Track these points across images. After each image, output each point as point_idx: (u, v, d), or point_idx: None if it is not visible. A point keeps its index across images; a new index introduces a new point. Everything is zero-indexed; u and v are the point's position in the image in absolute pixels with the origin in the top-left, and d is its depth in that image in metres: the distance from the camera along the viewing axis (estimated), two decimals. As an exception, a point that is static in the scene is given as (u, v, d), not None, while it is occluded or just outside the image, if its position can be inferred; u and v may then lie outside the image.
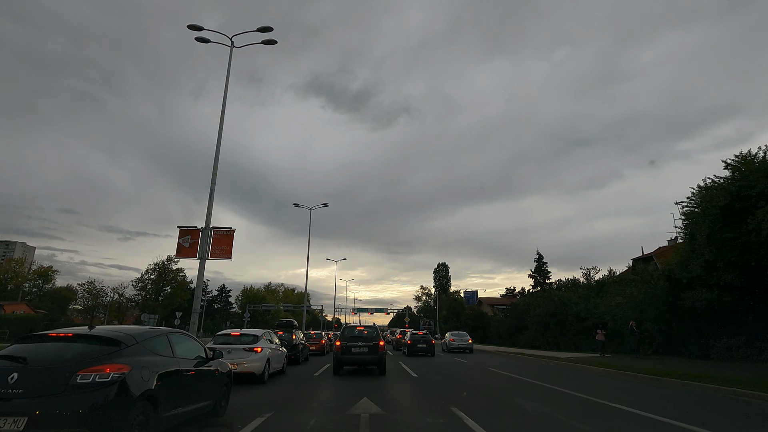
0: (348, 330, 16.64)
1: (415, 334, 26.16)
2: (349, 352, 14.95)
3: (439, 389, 11.05)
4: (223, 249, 20.61)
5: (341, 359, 14.91)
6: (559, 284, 33.62)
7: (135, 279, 75.18)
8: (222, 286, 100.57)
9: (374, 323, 18.65)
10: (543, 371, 16.13)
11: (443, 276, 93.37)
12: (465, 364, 19.50)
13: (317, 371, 15.62)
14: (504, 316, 46.96)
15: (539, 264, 45.41)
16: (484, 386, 11.79)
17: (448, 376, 14.34)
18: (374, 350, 14.91)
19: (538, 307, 32.61)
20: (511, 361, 21.18)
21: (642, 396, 9.71)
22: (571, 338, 27.85)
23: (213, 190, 19.95)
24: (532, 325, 35.25)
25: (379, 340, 15.46)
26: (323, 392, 10.64)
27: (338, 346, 15.21)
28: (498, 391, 10.76)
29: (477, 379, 13.75)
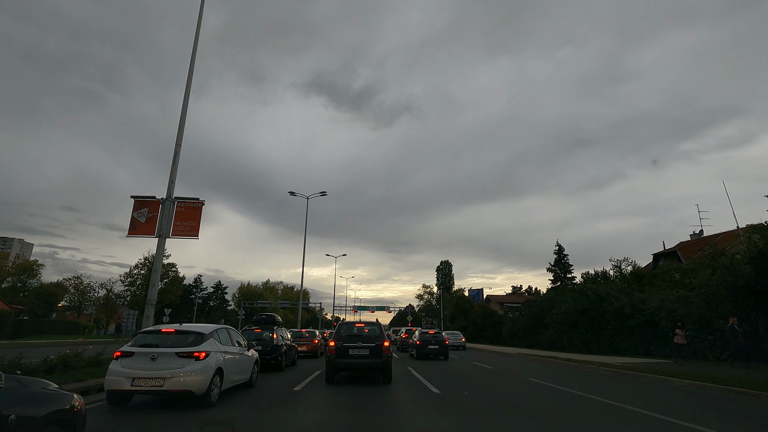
0: (345, 327, 12.77)
1: (425, 332, 22.12)
2: (346, 354, 11.60)
3: (489, 423, 7.00)
4: (188, 225, 16.64)
5: (336, 364, 11.58)
6: (588, 277, 29.62)
7: (123, 274, 71.17)
8: (218, 283, 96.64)
9: (377, 319, 14.36)
10: (609, 385, 12.06)
11: (446, 274, 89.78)
12: (492, 371, 15.47)
13: (301, 382, 11.58)
14: (519, 315, 42.83)
15: (560, 257, 41.02)
16: (551, 412, 7.75)
17: (483, 391, 10.28)
18: (377, 352, 11.59)
19: (564, 303, 28.51)
20: (546, 368, 17.13)
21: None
22: (607, 339, 23.74)
23: (178, 153, 16.15)
24: (554, 324, 31.14)
25: (383, 339, 11.84)
26: (300, 422, 6.64)
27: (332, 347, 11.68)
28: (586, 424, 6.74)
29: (528, 398, 9.67)
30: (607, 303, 23.36)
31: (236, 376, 8.96)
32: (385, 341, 12.10)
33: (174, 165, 15.86)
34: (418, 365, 17.31)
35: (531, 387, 11.20)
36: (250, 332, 14.72)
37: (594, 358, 19.65)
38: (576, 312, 26.37)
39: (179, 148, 16.25)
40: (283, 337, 15.97)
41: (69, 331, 54.28)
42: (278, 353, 14.19)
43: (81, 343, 24.67)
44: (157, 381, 6.97)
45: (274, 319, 15.62)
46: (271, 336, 14.36)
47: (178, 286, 75.05)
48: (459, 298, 67.13)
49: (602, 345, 24.39)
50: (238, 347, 9.49)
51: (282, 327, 16.22)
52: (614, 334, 23.09)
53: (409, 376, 13.55)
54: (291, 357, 16.33)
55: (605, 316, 23.65)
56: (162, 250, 15.89)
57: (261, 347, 14.00)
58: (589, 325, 25.66)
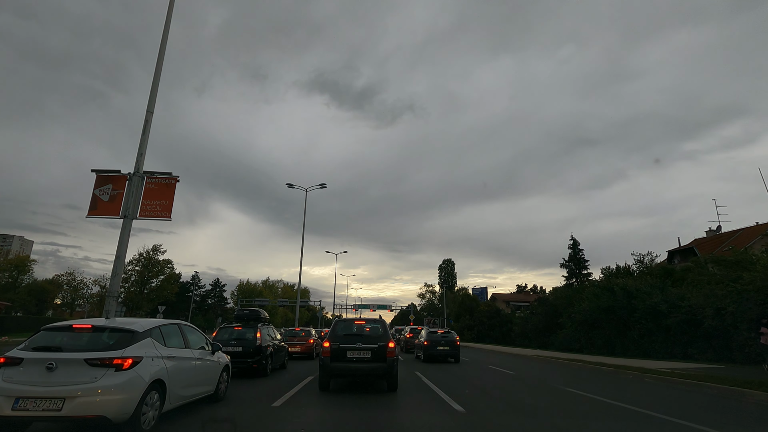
0: (342, 325, 10.57)
1: (434, 332, 19.75)
2: (343, 357, 9.62)
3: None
4: (159, 205, 14.22)
5: (330, 369, 9.56)
6: (609, 273, 27.16)
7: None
8: (216, 281, 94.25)
9: (380, 316, 11.78)
10: (673, 398, 9.71)
11: (449, 273, 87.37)
12: (515, 377, 13.11)
13: (286, 393, 9.22)
14: (530, 314, 40.36)
15: (574, 252, 38.31)
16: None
17: (520, 409, 7.92)
18: (380, 355, 9.62)
19: (584, 300, 26.07)
20: (577, 374, 14.78)
21: None
22: (635, 340, 21.29)
23: (149, 121, 13.85)
24: (571, 324, 28.71)
25: (387, 340, 9.86)
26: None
27: (326, 348, 9.67)
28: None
29: (586, 420, 7.28)
30: (637, 300, 20.88)
31: (191, 390, 6.61)
32: (390, 342, 9.86)
33: (144, 135, 13.58)
34: (427, 369, 14.97)
35: (578, 402, 8.81)
36: (228, 330, 12.39)
37: (626, 361, 17.24)
38: (598, 310, 23.92)
39: (150, 116, 13.93)
40: (270, 336, 13.66)
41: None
42: (262, 355, 11.85)
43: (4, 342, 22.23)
44: (53, 402, 4.64)
45: (258, 315, 13.27)
46: (254, 335, 12.01)
47: (174, 283, 72.86)
48: (464, 297, 64.67)
49: (629, 347, 21.96)
50: (198, 350, 7.14)
51: (269, 324, 13.87)
52: (644, 334, 20.64)
53: (419, 384, 11.19)
54: (280, 359, 14.01)
55: (634, 315, 21.20)
56: (128, 233, 13.47)
57: (241, 348, 11.70)
58: (613, 325, 23.21)
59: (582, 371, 15.39)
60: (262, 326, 12.78)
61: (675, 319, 18.46)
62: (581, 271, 37.34)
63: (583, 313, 25.52)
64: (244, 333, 12.19)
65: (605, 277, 26.77)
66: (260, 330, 12.24)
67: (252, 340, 11.86)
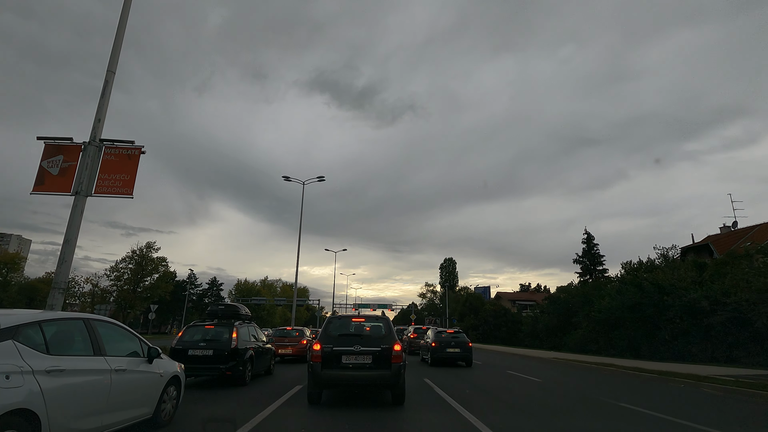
0: (336, 324, 8.43)
1: (442, 332, 17.57)
2: (337, 363, 7.62)
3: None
4: (119, 180, 12.00)
5: (322, 377, 7.54)
6: (631, 268, 24.92)
7: (109, 268, 66.82)
8: (213, 279, 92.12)
9: (383, 312, 9.27)
10: (761, 415, 7.50)
11: (450, 272, 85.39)
12: (544, 386, 10.94)
13: (262, 411, 7.01)
14: (540, 313, 38.12)
15: (588, 247, 35.86)
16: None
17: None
18: (383, 360, 7.62)
19: (604, 298, 23.87)
20: (613, 381, 12.61)
21: None
22: (666, 341, 19.06)
23: (110, 82, 11.69)
24: (588, 323, 26.56)
25: (392, 342, 7.83)
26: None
27: (317, 352, 7.68)
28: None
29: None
30: (671, 296, 18.62)
31: (106, 417, 4.41)
32: (396, 344, 7.78)
33: (103, 98, 11.44)
34: (437, 375, 12.79)
35: (655, 428, 6.60)
36: (197, 330, 10.20)
37: (665, 366, 15.03)
38: (622, 308, 21.70)
39: (112, 76, 11.73)
40: (254, 336, 11.49)
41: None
42: (239, 360, 9.65)
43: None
44: None
45: (236, 312, 11.08)
46: (229, 335, 9.82)
47: (169, 281, 70.69)
48: (469, 296, 62.46)
49: (657, 349, 19.74)
50: (123, 359, 4.94)
51: (251, 323, 11.68)
52: (678, 334, 18.42)
53: (431, 395, 8.99)
54: (264, 364, 11.83)
55: (666, 313, 18.98)
56: (80, 213, 11.23)
57: (212, 351, 9.51)
58: (639, 324, 20.99)
59: (619, 378, 13.18)
60: (241, 325, 10.59)
61: (719, 318, 16.23)
62: (596, 267, 35.09)
63: (605, 311, 23.31)
64: (217, 333, 10.01)
65: (627, 273, 24.56)
66: (237, 329, 10.05)
67: (226, 342, 9.67)
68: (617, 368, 14.82)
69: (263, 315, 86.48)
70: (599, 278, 33.82)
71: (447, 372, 14.03)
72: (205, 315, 11.21)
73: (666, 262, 24.96)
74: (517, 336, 43.83)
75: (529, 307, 59.07)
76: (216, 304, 11.45)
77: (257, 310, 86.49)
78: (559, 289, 44.87)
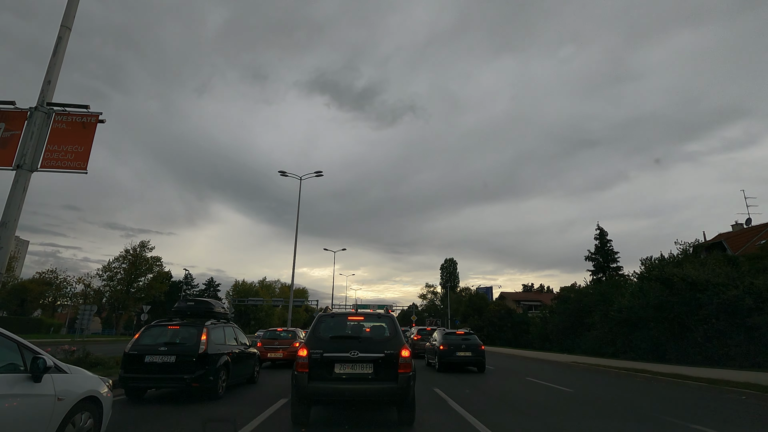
0: (328, 324, 6.71)
1: (451, 333, 15.73)
2: (329, 373, 5.96)
3: None
4: (71, 152, 10.10)
5: (309, 391, 5.84)
6: (652, 264, 22.99)
7: (101, 267, 64.92)
8: (210, 280, 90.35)
9: (387, 309, 7.32)
10: None
11: (451, 272, 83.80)
12: (577, 398, 9.09)
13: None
14: (549, 313, 36.23)
15: (602, 244, 33.84)
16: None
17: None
18: (388, 369, 5.95)
19: (624, 296, 22.04)
20: (656, 390, 10.79)
21: None
22: (698, 343, 17.17)
23: (64, 39, 9.82)
24: (604, 324, 24.72)
25: (399, 346, 6.15)
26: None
27: (303, 359, 5.97)
28: None
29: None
30: (707, 293, 16.75)
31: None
32: (404, 349, 6.13)
33: (55, 57, 9.61)
34: (449, 384, 10.95)
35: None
36: (158, 331, 8.33)
37: (706, 372, 13.16)
38: (646, 307, 19.85)
39: (67, 33, 9.86)
40: (236, 338, 9.68)
41: (29, 330, 48.15)
42: (209, 368, 7.79)
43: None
44: None
45: (208, 308, 9.22)
46: (197, 338, 7.96)
47: (163, 282, 68.74)
48: (472, 296, 60.57)
49: (687, 351, 17.86)
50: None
51: (228, 323, 9.82)
52: (713, 336, 16.55)
53: (448, 413, 7.14)
54: (245, 371, 9.99)
55: (699, 312, 17.11)
56: (22, 189, 9.32)
57: (174, 357, 7.65)
58: (665, 325, 19.12)
59: (663, 387, 11.31)
60: (214, 325, 8.72)
61: (766, 318, 14.36)
62: (609, 265, 33.22)
63: (624, 310, 21.46)
64: (182, 335, 8.16)
65: (648, 269, 22.75)
66: (208, 330, 8.18)
67: (193, 346, 7.81)
68: (652, 374, 12.96)
69: (261, 316, 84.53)
70: (613, 276, 31.94)
71: (459, 379, 12.19)
72: (172, 311, 9.36)
73: (688, 257, 23.09)
74: (523, 337, 41.95)
75: (534, 308, 57.26)
76: (184, 299, 9.58)
77: (255, 311, 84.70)
78: (563, 289, 43.08)
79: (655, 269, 20.39)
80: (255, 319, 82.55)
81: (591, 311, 27.32)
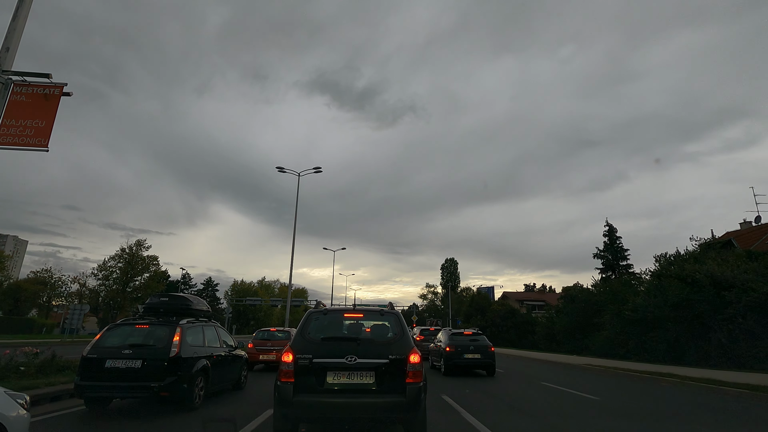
0: (321, 322, 5.43)
1: (458, 334, 14.60)
2: (319, 383, 4.76)
3: None
4: (31, 126, 9.13)
5: (294, 407, 4.63)
6: (668, 261, 21.81)
7: (96, 266, 63.75)
8: (208, 279, 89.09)
9: (391, 304, 6.03)
10: None
11: (452, 272, 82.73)
12: (608, 408, 7.94)
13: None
14: (556, 313, 35.06)
15: (611, 240, 32.58)
16: None
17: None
18: (392, 379, 4.77)
19: (638, 295, 20.89)
20: (700, 400, 9.69)
21: None
22: (722, 345, 15.99)
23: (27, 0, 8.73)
24: (617, 324, 23.56)
25: (407, 349, 5.00)
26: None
27: (288, 366, 4.79)
28: None
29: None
30: (733, 290, 15.56)
31: None
32: (413, 353, 5.01)
33: (15, 21, 8.83)
34: (458, 391, 9.82)
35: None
36: (123, 331, 7.17)
37: (745, 377, 11.99)
38: (664, 306, 18.67)
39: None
40: (219, 339, 8.53)
41: (19, 330, 47.02)
42: (182, 375, 6.64)
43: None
44: None
45: (185, 305, 8.05)
46: (168, 339, 6.80)
47: (160, 281, 67.54)
48: (475, 296, 59.39)
49: (710, 353, 16.70)
50: None
51: (210, 322, 8.66)
52: (741, 336, 15.38)
53: (462, 427, 5.98)
54: (230, 377, 8.86)
55: (724, 311, 15.94)
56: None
57: (140, 362, 6.51)
58: (685, 325, 17.96)
59: (700, 395, 10.15)
60: (191, 324, 7.56)
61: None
62: (619, 263, 32.05)
63: (639, 310, 20.30)
64: (151, 336, 7.00)
65: (662, 266, 21.61)
66: (182, 330, 7.02)
67: (163, 349, 6.65)
68: (680, 379, 11.79)
69: (260, 316, 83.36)
70: (623, 274, 30.74)
71: (468, 385, 11.05)
72: (141, 310, 8.20)
73: (705, 253, 21.91)
74: (528, 338, 40.78)
75: (537, 308, 56.07)
76: (157, 294, 8.39)
77: (254, 312, 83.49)
78: (566, 289, 41.88)
79: (675, 266, 19.19)
80: (255, 319, 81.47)
81: (600, 311, 26.16)
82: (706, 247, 23.43)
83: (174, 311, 7.82)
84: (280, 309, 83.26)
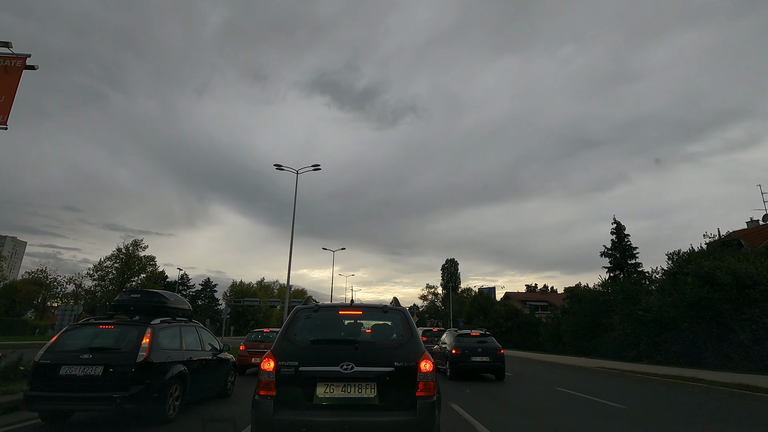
0: (312, 321, 4.35)
1: (465, 335, 13.66)
2: (308, 400, 3.72)
3: None
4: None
5: (275, 426, 3.61)
6: (682, 259, 20.83)
7: (92, 267, 62.76)
8: (207, 280, 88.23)
9: (396, 299, 4.91)
10: None
11: (452, 273, 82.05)
12: (637, 418, 6.97)
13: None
14: (561, 313, 34.08)
15: (619, 238, 31.53)
16: None
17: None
18: (398, 394, 3.73)
19: (651, 294, 19.93)
20: (738, 410, 8.76)
21: None
22: (744, 346, 15.05)
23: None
24: (627, 324, 22.64)
25: (417, 353, 3.96)
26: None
27: (268, 377, 3.84)
28: None
29: None
30: (758, 288, 14.61)
31: None
32: (424, 358, 4.03)
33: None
34: (469, 398, 8.86)
35: None
36: (84, 332, 6.21)
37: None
38: (680, 305, 17.72)
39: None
40: (201, 342, 7.60)
41: (14, 331, 46.00)
42: (151, 383, 5.68)
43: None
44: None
45: (160, 302, 7.09)
46: (137, 341, 5.84)
47: (158, 282, 66.52)
48: (477, 295, 58.39)
49: (730, 355, 15.75)
50: None
51: (190, 322, 7.71)
52: (764, 338, 14.43)
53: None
54: (213, 384, 7.91)
55: (747, 311, 15.01)
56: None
57: (102, 368, 5.55)
58: (702, 325, 17.01)
59: (735, 402, 9.20)
60: (165, 325, 6.61)
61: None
62: (627, 261, 31.10)
63: (652, 310, 19.34)
64: (116, 337, 6.05)
65: (677, 264, 20.68)
66: (153, 331, 6.06)
67: (129, 353, 5.70)
68: (708, 384, 10.84)
69: (259, 317, 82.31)
70: (632, 273, 29.80)
71: (478, 391, 10.10)
72: (111, 305, 7.26)
73: (720, 250, 20.96)
74: (532, 339, 39.84)
75: (541, 308, 55.11)
76: (128, 291, 7.41)
77: (253, 312, 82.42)
78: (568, 289, 40.94)
79: (692, 263, 18.25)
80: (254, 320, 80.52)
81: (608, 311, 25.22)
82: (720, 245, 22.51)
83: (147, 309, 6.86)
84: (280, 310, 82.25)
